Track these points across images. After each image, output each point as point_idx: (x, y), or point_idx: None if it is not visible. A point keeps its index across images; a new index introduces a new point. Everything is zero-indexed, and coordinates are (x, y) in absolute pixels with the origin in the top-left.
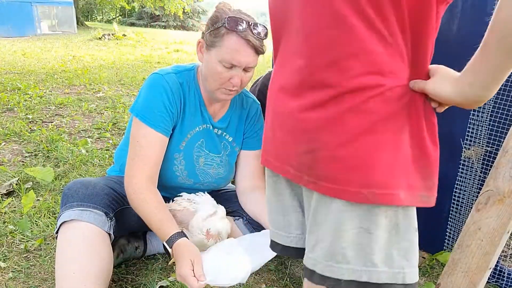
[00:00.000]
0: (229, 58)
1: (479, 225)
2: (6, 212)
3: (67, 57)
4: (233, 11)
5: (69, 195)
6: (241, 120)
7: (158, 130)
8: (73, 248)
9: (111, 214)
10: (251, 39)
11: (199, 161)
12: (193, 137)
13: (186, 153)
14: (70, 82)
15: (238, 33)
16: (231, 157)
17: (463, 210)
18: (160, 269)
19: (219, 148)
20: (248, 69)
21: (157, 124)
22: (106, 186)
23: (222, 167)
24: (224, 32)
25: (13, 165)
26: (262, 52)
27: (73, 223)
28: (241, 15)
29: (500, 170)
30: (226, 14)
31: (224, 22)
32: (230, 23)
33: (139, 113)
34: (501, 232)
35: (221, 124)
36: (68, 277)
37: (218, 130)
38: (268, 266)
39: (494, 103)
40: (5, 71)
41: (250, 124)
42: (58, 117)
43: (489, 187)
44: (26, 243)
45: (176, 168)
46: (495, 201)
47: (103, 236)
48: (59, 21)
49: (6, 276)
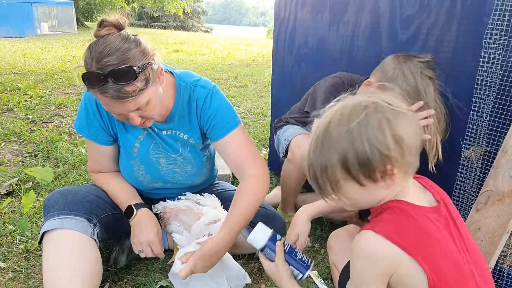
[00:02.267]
0: (107, 109)
1: (479, 225)
2: (6, 212)
3: (67, 58)
4: (94, 54)
5: (49, 206)
6: (191, 113)
7: (92, 140)
8: (57, 255)
9: (95, 220)
10: (113, 93)
11: (160, 162)
12: (143, 141)
13: (141, 158)
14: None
15: (98, 89)
16: (193, 153)
17: (462, 210)
18: (160, 269)
19: (176, 147)
20: (140, 108)
21: (91, 135)
22: (89, 193)
23: (188, 164)
24: (90, 89)
25: (13, 165)
26: (136, 95)
27: (55, 232)
28: (103, 62)
29: (500, 170)
30: (90, 64)
31: (84, 81)
32: (86, 82)
33: (76, 127)
34: (501, 232)
35: (168, 125)
36: (55, 284)
37: (167, 131)
38: None
39: (493, 103)
40: (5, 71)
41: (203, 114)
42: (58, 117)
43: (489, 187)
44: (26, 243)
45: (137, 174)
46: (495, 201)
47: (87, 241)
48: (59, 21)
49: (6, 276)
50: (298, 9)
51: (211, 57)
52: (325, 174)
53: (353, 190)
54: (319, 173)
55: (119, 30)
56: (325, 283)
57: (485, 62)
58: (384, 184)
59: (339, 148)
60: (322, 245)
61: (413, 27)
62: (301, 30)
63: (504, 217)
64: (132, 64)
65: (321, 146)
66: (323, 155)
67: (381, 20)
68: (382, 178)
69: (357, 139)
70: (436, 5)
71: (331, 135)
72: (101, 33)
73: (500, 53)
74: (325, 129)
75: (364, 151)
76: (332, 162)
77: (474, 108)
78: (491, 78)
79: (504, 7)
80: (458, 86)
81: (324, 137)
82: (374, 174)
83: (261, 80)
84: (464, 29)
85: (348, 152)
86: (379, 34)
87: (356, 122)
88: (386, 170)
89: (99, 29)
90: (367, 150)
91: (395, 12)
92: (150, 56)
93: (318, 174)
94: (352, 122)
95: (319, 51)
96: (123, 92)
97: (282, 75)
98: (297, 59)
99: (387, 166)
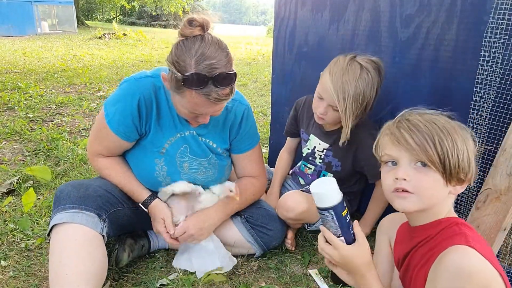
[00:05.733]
0: (191, 109)
1: (478, 223)
2: (6, 211)
3: (67, 56)
4: (198, 58)
5: (61, 198)
6: (225, 124)
7: (119, 136)
8: (65, 250)
9: (104, 215)
10: (213, 96)
11: (183, 166)
12: (174, 143)
13: (167, 159)
14: (71, 81)
15: (196, 90)
16: (220, 160)
17: (462, 209)
18: (161, 267)
19: (207, 152)
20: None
21: (119, 131)
22: (99, 187)
23: (211, 170)
24: (184, 88)
25: (13, 164)
26: (228, 99)
27: (65, 225)
28: (205, 65)
29: (499, 168)
30: (189, 65)
31: (184, 80)
32: (188, 82)
33: (108, 116)
34: (496, 229)
35: (200, 131)
36: (61, 279)
37: (201, 138)
38: (267, 264)
39: (493, 102)
40: (6, 70)
41: (235, 127)
42: (58, 116)
43: (488, 185)
44: (27, 242)
45: (157, 174)
46: (492, 199)
47: (96, 237)
48: (59, 20)
49: (7, 275)
50: (298, 8)
51: None
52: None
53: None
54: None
55: (204, 31)
56: (325, 281)
57: (485, 60)
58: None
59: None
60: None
61: (413, 25)
62: (301, 29)
63: (501, 214)
64: (231, 69)
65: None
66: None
67: (381, 18)
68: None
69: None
70: (436, 4)
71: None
72: (190, 33)
73: (500, 52)
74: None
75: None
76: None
77: (474, 107)
78: (491, 76)
79: (504, 5)
80: (458, 85)
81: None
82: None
83: (261, 79)
84: (464, 28)
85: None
86: (379, 33)
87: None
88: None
89: (189, 28)
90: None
91: (395, 11)
92: (233, 61)
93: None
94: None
95: (319, 49)
96: (221, 95)
97: (282, 74)
98: (297, 58)
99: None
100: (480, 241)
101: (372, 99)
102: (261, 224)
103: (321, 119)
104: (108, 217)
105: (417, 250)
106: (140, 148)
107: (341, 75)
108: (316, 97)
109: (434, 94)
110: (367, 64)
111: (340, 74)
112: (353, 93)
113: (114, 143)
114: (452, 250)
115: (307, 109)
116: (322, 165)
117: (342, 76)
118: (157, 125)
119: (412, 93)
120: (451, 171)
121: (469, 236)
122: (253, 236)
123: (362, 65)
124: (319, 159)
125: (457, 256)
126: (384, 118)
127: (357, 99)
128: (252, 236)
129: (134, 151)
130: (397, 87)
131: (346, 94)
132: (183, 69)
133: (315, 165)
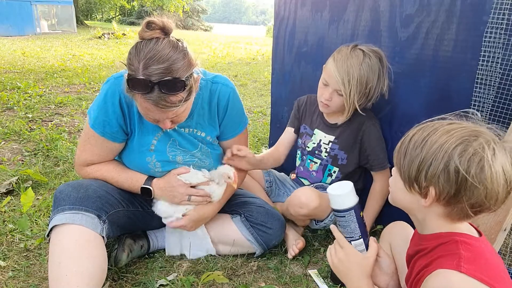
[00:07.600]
0: (144, 114)
1: (478, 223)
2: (5, 211)
3: (66, 56)
4: (146, 62)
5: (61, 199)
6: (211, 108)
7: (106, 137)
8: (65, 251)
9: (104, 216)
10: (161, 102)
11: (177, 159)
12: (161, 139)
13: (158, 155)
14: (70, 81)
15: (141, 95)
16: (212, 148)
17: None
18: (160, 268)
19: (196, 143)
20: (176, 115)
21: (105, 132)
22: (99, 188)
23: (206, 160)
24: (133, 91)
25: (12, 164)
26: (179, 105)
27: (64, 226)
28: (153, 69)
29: None
30: (137, 68)
31: (129, 84)
32: (134, 87)
33: (91, 120)
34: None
35: (186, 123)
36: (61, 279)
37: (185, 129)
38: (267, 264)
39: (493, 101)
40: (5, 70)
41: (221, 109)
42: (57, 116)
43: None
44: (26, 242)
45: (152, 171)
46: None
47: (96, 238)
48: (58, 20)
49: (6, 275)
50: (298, 8)
51: (211, 56)
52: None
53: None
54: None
55: (166, 34)
56: (324, 281)
57: (485, 60)
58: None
59: None
60: (321, 244)
61: (413, 25)
62: (301, 28)
63: (501, 214)
64: (180, 75)
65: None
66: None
67: (381, 18)
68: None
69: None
70: (436, 4)
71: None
72: (148, 36)
73: (500, 52)
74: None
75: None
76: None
77: (474, 107)
78: (491, 76)
79: (504, 5)
80: (458, 85)
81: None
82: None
83: (261, 79)
84: (464, 28)
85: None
86: (379, 33)
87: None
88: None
89: (147, 31)
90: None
91: (395, 11)
92: (194, 66)
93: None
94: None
95: (319, 49)
96: (168, 101)
97: (282, 74)
98: (297, 58)
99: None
100: (480, 263)
101: (375, 85)
102: (260, 223)
103: (325, 106)
104: (108, 218)
105: (420, 258)
106: (129, 150)
107: (345, 60)
108: (321, 85)
109: (434, 94)
110: (369, 51)
111: (345, 59)
112: (358, 76)
113: (105, 148)
114: (435, 275)
115: (309, 106)
116: (328, 158)
117: (346, 60)
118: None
119: (412, 93)
120: (409, 178)
121: (463, 259)
122: (252, 235)
123: (364, 51)
124: (324, 152)
125: (438, 281)
126: (384, 118)
127: (361, 82)
128: (252, 235)
129: (125, 154)
130: (397, 87)
131: (350, 76)
132: (132, 73)
133: (321, 158)
